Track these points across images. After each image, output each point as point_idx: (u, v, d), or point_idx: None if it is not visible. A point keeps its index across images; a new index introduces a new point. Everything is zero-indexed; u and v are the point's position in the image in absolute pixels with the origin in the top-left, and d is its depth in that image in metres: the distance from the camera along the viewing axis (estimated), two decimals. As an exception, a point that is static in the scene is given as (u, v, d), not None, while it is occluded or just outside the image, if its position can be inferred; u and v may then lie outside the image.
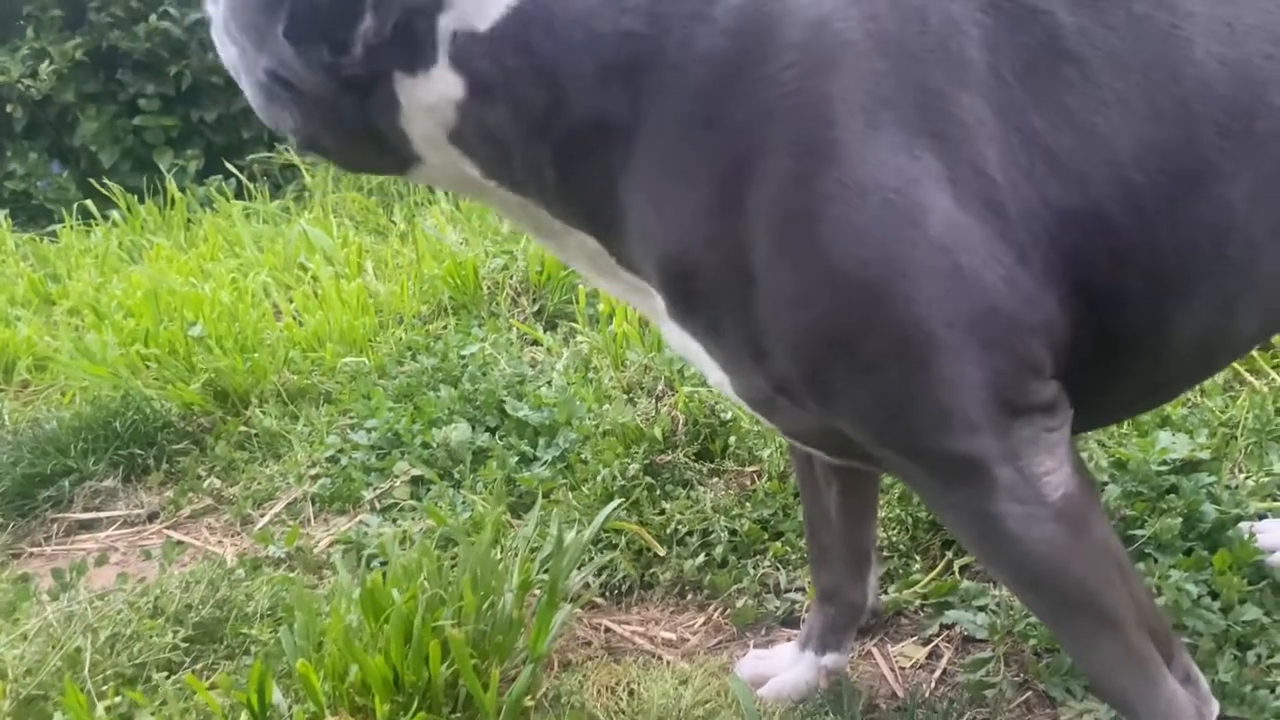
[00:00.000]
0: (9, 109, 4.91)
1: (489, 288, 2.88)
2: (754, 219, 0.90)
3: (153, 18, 4.87)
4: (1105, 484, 1.65)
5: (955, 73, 0.90)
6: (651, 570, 1.67)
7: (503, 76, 0.95)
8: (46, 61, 4.83)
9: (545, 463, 1.99)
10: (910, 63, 0.89)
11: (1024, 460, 0.93)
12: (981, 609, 1.47)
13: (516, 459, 2.00)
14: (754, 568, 1.64)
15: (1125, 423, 1.82)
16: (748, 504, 1.77)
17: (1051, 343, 0.93)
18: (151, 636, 1.46)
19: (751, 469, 1.89)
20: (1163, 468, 1.66)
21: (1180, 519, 1.53)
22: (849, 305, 0.89)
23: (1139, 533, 1.53)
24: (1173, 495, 1.60)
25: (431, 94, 0.97)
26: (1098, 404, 1.02)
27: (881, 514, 1.67)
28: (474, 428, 2.14)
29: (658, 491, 1.81)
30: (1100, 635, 0.99)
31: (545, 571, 1.57)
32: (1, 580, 1.77)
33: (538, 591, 1.52)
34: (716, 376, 1.04)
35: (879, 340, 0.89)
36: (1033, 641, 1.40)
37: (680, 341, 1.05)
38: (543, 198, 1.02)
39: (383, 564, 1.73)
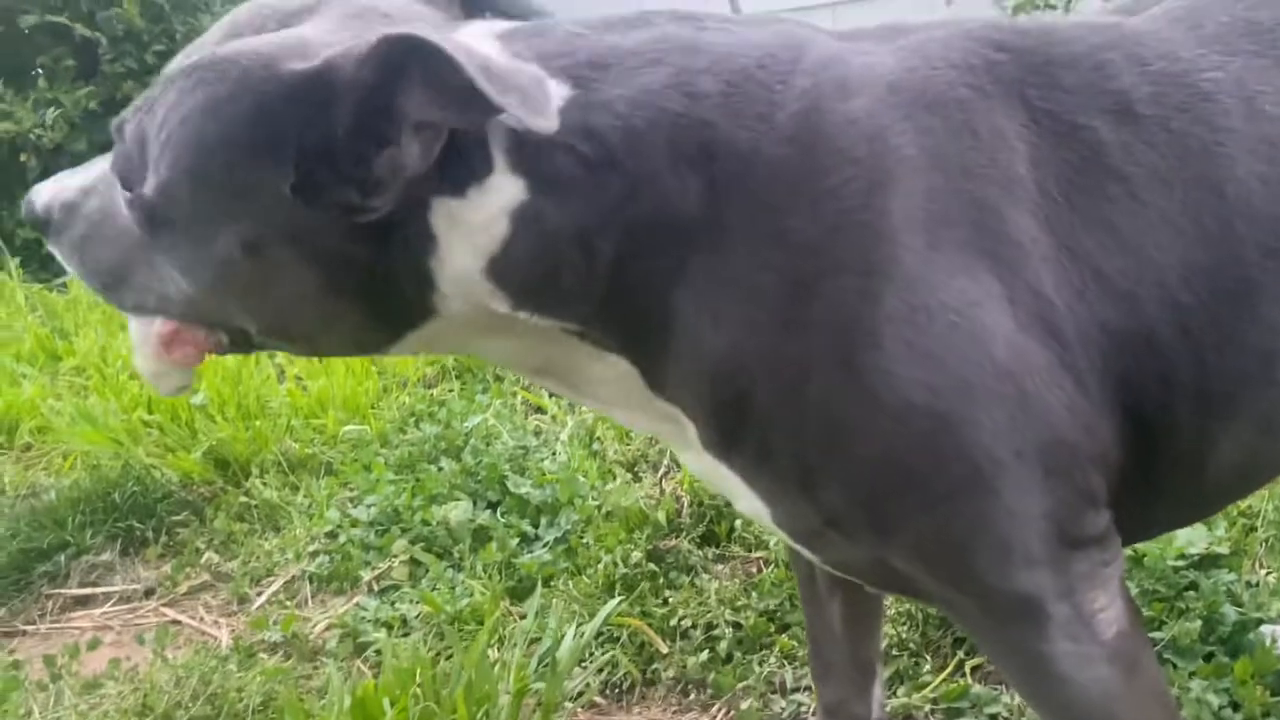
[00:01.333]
0: (22, 158, 4.94)
1: (494, 350, 2.86)
2: (817, 339, 0.85)
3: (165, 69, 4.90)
4: (1121, 580, 1.60)
5: (1007, 190, 0.86)
6: (654, 667, 1.62)
7: (573, 168, 0.86)
8: (58, 110, 4.85)
9: (546, 544, 1.95)
10: (964, 179, 0.86)
11: (1079, 597, 0.89)
12: (993, 717, 1.43)
13: (517, 540, 1.97)
14: (759, 664, 1.59)
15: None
16: (753, 594, 1.72)
17: (1105, 473, 0.89)
18: (139, 739, 1.43)
19: (758, 555, 1.85)
20: (1180, 563, 1.61)
21: (1200, 621, 1.48)
22: (916, 433, 0.84)
23: (1157, 635, 1.48)
24: (1191, 593, 1.56)
25: (484, 209, 0.86)
26: (1131, 525, 0.97)
27: (891, 610, 1.63)
28: (475, 503, 2.11)
29: (661, 580, 1.77)
30: None
31: (544, 667, 1.53)
32: (-8, 667, 1.74)
33: (537, 693, 1.48)
34: (751, 506, 0.98)
35: (946, 470, 0.85)
36: (1047, 755, 1.35)
37: (711, 471, 0.98)
38: (581, 317, 0.91)
39: (379, 653, 1.69)
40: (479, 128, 0.84)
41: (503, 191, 0.86)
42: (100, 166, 0.97)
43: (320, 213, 0.84)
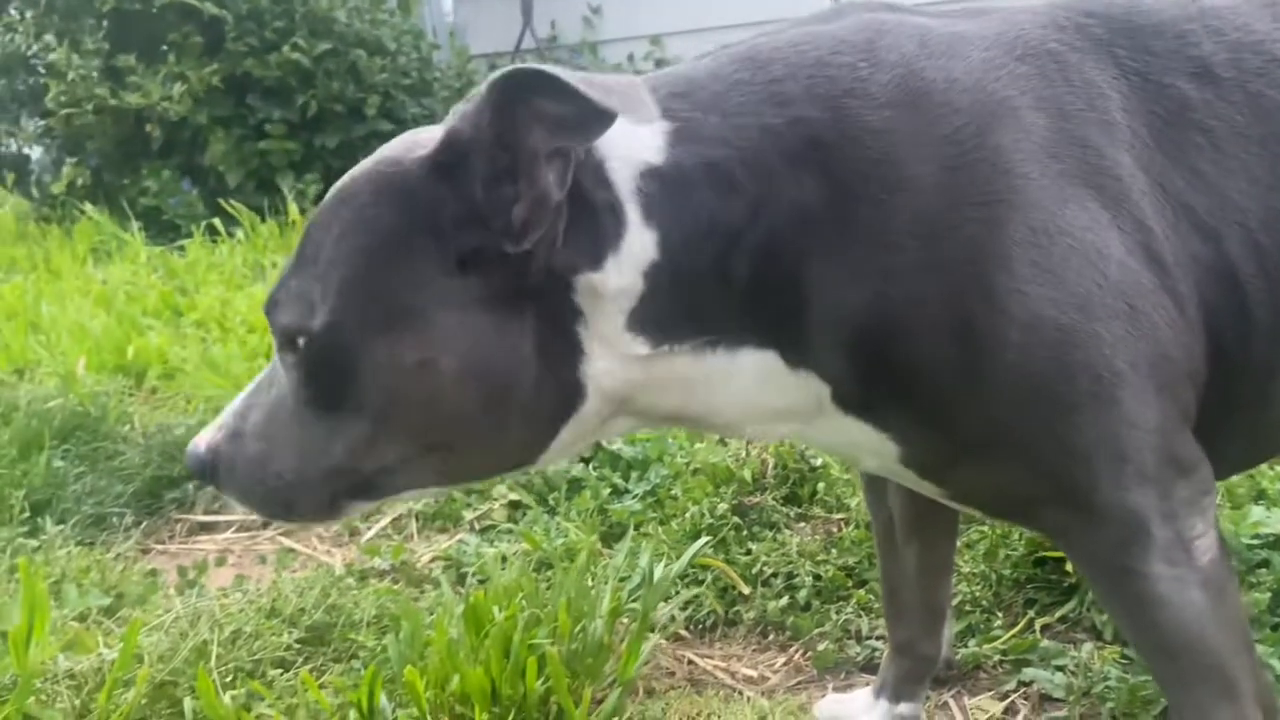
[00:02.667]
0: (148, 128, 5.23)
1: (589, 322, 2.98)
2: (952, 270, 0.93)
3: (285, 48, 5.14)
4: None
5: (1105, 130, 0.96)
6: (736, 608, 1.73)
7: (701, 205, 0.92)
8: (184, 85, 5.13)
9: (636, 496, 2.07)
10: (1064, 119, 0.95)
11: (1180, 522, 0.97)
12: (1060, 669, 1.50)
13: (609, 490, 2.09)
14: (837, 613, 1.68)
15: (1219, 493, 1.82)
16: (833, 550, 1.82)
17: (1196, 392, 0.99)
18: (269, 635, 1.58)
19: (839, 516, 1.94)
20: (1255, 541, 1.66)
21: (1270, 594, 1.53)
22: (1046, 346, 0.92)
23: (1226, 605, 1.53)
24: (1263, 569, 1.60)
25: (621, 275, 0.92)
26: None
27: (965, 569, 1.71)
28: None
29: (745, 532, 1.87)
30: (1220, 706, 1.01)
31: (634, 601, 1.64)
32: (133, 574, 1.92)
33: (626, 619, 1.60)
34: (879, 457, 1.04)
35: (1073, 381, 0.93)
36: (1110, 704, 1.41)
37: (837, 435, 1.04)
38: (719, 329, 0.97)
39: (481, 582, 1.83)
40: (600, 170, 0.91)
41: (635, 251, 0.92)
42: (246, 390, 1.04)
43: (484, 281, 0.90)
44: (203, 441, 1.02)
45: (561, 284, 0.92)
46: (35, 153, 5.79)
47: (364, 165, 0.97)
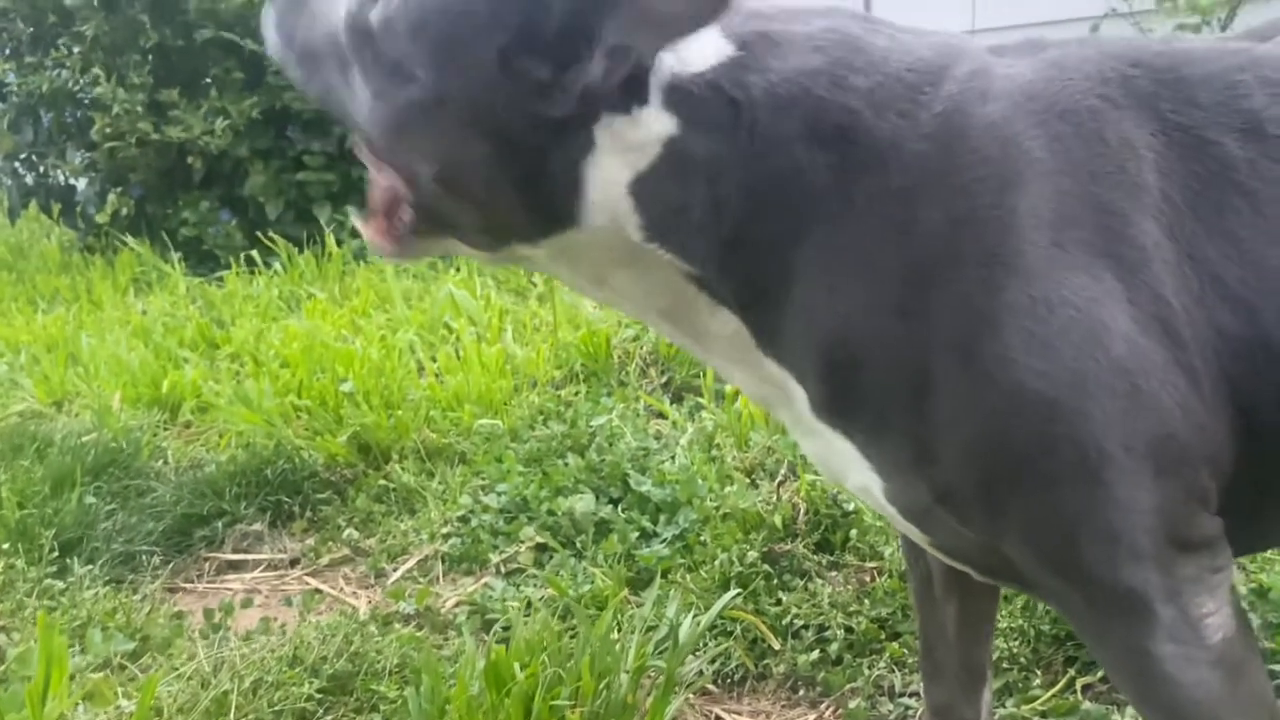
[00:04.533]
0: (190, 161, 5.31)
1: (619, 357, 2.97)
2: (937, 323, 0.92)
3: (323, 81, 5.19)
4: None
5: (1133, 196, 0.92)
6: (765, 661, 1.68)
7: (719, 116, 0.96)
8: (225, 119, 5.20)
9: (665, 540, 2.03)
10: (1091, 183, 0.92)
11: (1185, 599, 0.92)
12: (1103, 734, 1.44)
13: (637, 534, 2.05)
14: (869, 668, 1.64)
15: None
16: (866, 601, 1.77)
17: (1217, 475, 0.93)
18: (290, 685, 1.56)
19: (872, 565, 1.89)
20: (1309, 600, 1.59)
21: (1325, 656, 1.47)
22: (1029, 419, 0.89)
23: (1274, 668, 1.47)
24: (1318, 630, 1.54)
25: (639, 132, 0.97)
26: (1242, 537, 0.99)
27: (1003, 624, 1.65)
28: (598, 498, 2.21)
29: (775, 581, 1.83)
30: None
31: (660, 654, 1.60)
32: (159, 616, 1.91)
33: (652, 675, 1.56)
34: (861, 479, 1.03)
35: (1056, 457, 0.90)
36: (1156, 775, 1.35)
37: (819, 441, 1.04)
38: (703, 260, 1.01)
39: (505, 629, 1.80)
40: (654, 57, 0.95)
41: (657, 122, 0.97)
42: None
43: (512, 91, 0.95)
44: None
45: (590, 115, 0.96)
46: (81, 184, 5.89)
47: None
